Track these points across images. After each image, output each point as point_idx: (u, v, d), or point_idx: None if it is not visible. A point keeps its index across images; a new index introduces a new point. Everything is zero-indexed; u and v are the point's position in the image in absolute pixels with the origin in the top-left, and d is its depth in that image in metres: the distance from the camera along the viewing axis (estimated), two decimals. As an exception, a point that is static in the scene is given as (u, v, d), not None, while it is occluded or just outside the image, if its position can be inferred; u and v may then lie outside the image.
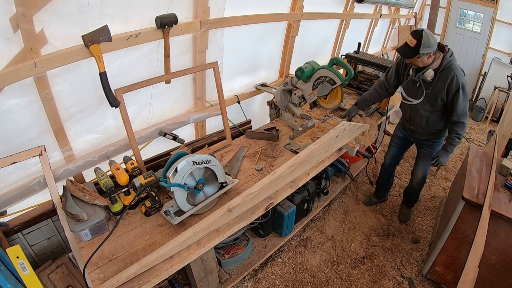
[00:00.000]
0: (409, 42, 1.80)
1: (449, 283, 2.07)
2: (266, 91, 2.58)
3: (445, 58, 1.89)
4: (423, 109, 2.10)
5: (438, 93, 1.96)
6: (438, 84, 1.93)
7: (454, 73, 1.86)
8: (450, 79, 1.88)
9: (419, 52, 1.76)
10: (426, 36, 1.76)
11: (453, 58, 1.91)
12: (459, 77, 1.87)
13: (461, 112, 1.96)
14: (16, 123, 1.44)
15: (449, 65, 1.88)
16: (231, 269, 2.00)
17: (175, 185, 1.43)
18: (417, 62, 1.87)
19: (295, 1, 2.47)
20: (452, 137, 2.07)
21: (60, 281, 1.66)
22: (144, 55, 1.73)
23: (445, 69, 1.89)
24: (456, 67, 1.88)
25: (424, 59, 1.84)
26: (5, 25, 1.20)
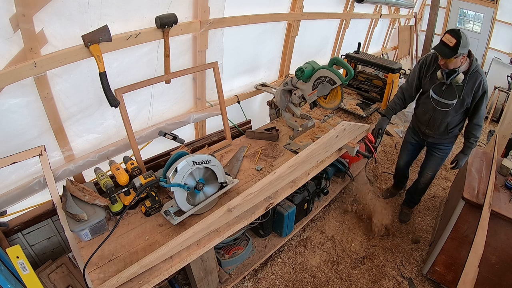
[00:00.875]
0: (448, 41, 1.73)
1: (449, 283, 2.07)
2: (266, 91, 2.58)
3: (473, 62, 1.89)
4: (447, 113, 2.06)
5: (465, 97, 1.95)
6: (467, 88, 1.92)
7: (481, 77, 1.88)
8: (478, 84, 1.88)
9: (458, 52, 1.72)
10: (464, 35, 1.72)
11: (479, 64, 1.91)
12: (484, 81, 1.89)
13: (482, 115, 2.01)
14: (16, 123, 1.44)
15: (476, 69, 1.89)
16: (231, 269, 2.00)
17: (175, 185, 1.43)
18: (451, 64, 1.82)
19: (295, 1, 2.47)
20: (471, 140, 2.08)
21: (60, 281, 1.66)
22: (144, 55, 1.73)
23: (473, 73, 1.89)
24: (482, 72, 1.90)
25: (458, 60, 1.80)
26: (5, 25, 1.20)
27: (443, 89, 2.02)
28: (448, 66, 1.86)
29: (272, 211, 2.06)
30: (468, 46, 1.78)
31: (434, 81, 2.04)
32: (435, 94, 2.08)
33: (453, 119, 2.09)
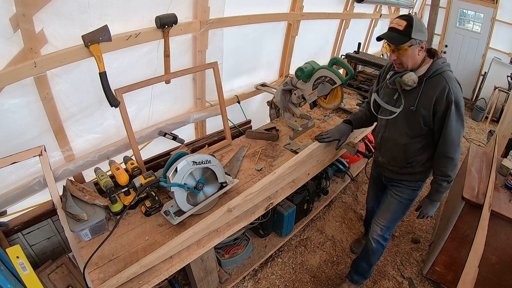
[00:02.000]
0: (396, 24, 1.35)
1: (449, 283, 2.07)
2: (266, 91, 2.58)
3: (435, 63, 1.40)
4: (400, 132, 1.54)
5: (420, 109, 1.42)
6: (423, 97, 1.41)
7: (446, 82, 1.36)
8: (440, 90, 1.36)
9: (411, 37, 1.31)
10: (416, 18, 1.34)
11: (446, 66, 1.41)
12: (453, 89, 1.35)
13: (452, 141, 1.40)
14: (16, 123, 1.44)
15: (439, 72, 1.39)
16: (231, 269, 2.00)
17: (175, 185, 1.43)
18: (405, 57, 1.38)
19: (295, 1, 2.47)
20: (438, 180, 1.50)
21: (60, 281, 1.66)
22: (144, 55, 1.73)
23: (434, 77, 1.40)
24: (450, 76, 1.38)
25: (416, 51, 1.36)
26: (5, 25, 1.20)
27: (395, 98, 1.53)
28: (402, 62, 1.41)
29: (272, 211, 2.06)
30: (426, 34, 1.37)
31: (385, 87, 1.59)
32: (378, 97, 1.62)
33: (411, 144, 1.54)
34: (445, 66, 1.41)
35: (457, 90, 1.37)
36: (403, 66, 1.43)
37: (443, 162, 1.46)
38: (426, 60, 1.43)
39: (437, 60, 1.42)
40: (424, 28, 1.36)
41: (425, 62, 1.43)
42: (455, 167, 1.46)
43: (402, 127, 1.53)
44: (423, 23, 1.37)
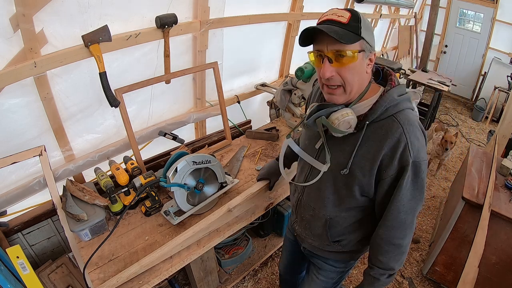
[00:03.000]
0: (335, 15, 0.81)
1: (449, 283, 2.07)
2: (266, 91, 2.58)
3: (388, 96, 0.87)
4: (323, 200, 1.02)
5: (358, 172, 0.91)
6: (363, 152, 0.89)
7: (403, 131, 0.84)
8: (392, 145, 0.85)
9: (361, 35, 0.81)
10: (363, 15, 0.84)
11: (405, 101, 0.89)
12: (411, 142, 0.85)
13: (402, 222, 0.92)
14: (16, 123, 1.44)
15: (393, 112, 0.87)
16: (231, 269, 2.00)
17: (175, 185, 1.43)
18: (351, 73, 0.84)
19: (295, 1, 2.47)
20: (376, 273, 1.00)
21: (60, 281, 1.66)
22: (144, 55, 1.73)
23: (383, 120, 0.87)
24: (410, 120, 0.87)
25: (364, 64, 0.85)
26: (5, 25, 1.19)
27: (318, 147, 1.01)
28: (345, 82, 0.85)
29: (272, 211, 2.06)
30: (373, 37, 0.86)
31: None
32: (296, 142, 1.11)
33: (339, 219, 1.03)
34: (404, 102, 0.87)
35: (418, 145, 0.85)
36: (345, 90, 0.87)
37: (386, 250, 0.96)
38: (372, 87, 0.91)
39: (391, 90, 0.87)
40: (372, 27, 0.86)
41: (371, 91, 0.91)
42: (402, 256, 0.98)
43: (327, 193, 1.00)
44: (371, 27, 0.86)
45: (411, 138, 0.85)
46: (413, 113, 0.90)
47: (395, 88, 0.89)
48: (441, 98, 4.21)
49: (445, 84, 4.05)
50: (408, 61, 5.49)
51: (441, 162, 3.30)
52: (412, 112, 0.91)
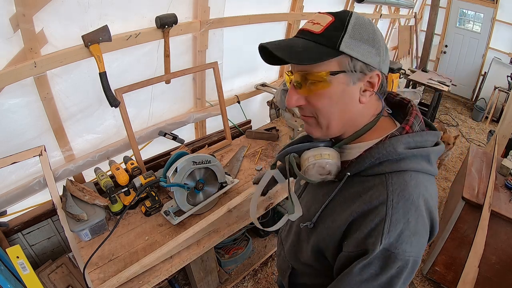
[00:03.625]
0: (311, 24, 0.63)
1: (449, 283, 2.07)
2: (266, 91, 2.58)
3: (386, 146, 0.60)
4: (291, 244, 0.86)
5: (324, 230, 0.68)
6: (336, 208, 0.66)
7: (385, 200, 0.57)
8: (365, 212, 0.59)
9: (339, 49, 0.57)
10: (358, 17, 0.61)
11: (413, 158, 0.61)
12: (391, 223, 0.56)
13: None
14: (16, 123, 1.44)
15: (387, 171, 0.60)
16: (231, 269, 2.00)
17: (175, 185, 1.43)
18: (320, 102, 0.62)
19: (295, 1, 2.47)
20: None
21: (60, 281, 1.66)
22: (144, 55, 1.73)
23: (370, 177, 0.62)
24: (407, 192, 0.58)
25: (349, 90, 0.61)
26: (5, 25, 1.19)
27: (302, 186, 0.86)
28: (315, 113, 0.65)
29: (272, 211, 2.06)
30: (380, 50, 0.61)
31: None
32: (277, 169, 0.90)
33: (300, 273, 0.86)
34: (411, 160, 0.61)
35: (405, 232, 0.57)
36: (317, 123, 0.66)
37: None
38: (383, 124, 0.67)
39: (399, 137, 0.61)
40: (376, 37, 0.60)
41: (381, 129, 0.66)
42: None
43: (292, 237, 0.84)
44: (375, 29, 0.61)
45: (395, 216, 0.56)
46: (420, 181, 0.60)
47: (407, 136, 0.61)
48: (441, 98, 4.21)
49: (445, 84, 4.06)
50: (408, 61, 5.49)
51: (441, 162, 3.30)
52: (420, 179, 0.60)
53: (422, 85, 4.13)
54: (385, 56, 0.62)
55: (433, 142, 0.64)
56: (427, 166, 0.63)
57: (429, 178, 0.63)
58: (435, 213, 0.62)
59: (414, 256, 0.58)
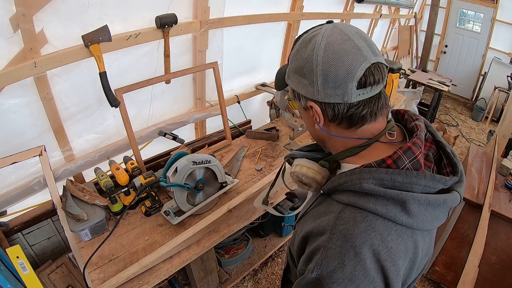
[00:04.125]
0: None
1: (449, 283, 2.07)
2: (266, 91, 2.58)
3: (357, 174, 0.56)
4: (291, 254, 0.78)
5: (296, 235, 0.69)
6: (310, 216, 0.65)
7: (331, 229, 0.54)
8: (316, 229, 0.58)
9: (286, 78, 0.66)
10: (300, 42, 0.60)
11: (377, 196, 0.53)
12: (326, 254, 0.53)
13: None
14: (16, 123, 1.44)
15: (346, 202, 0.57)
16: (231, 269, 2.00)
17: (175, 185, 1.43)
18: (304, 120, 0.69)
19: (295, 1, 2.47)
20: None
21: (60, 281, 1.66)
22: (144, 55, 1.73)
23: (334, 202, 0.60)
24: (354, 230, 0.52)
25: (306, 115, 0.65)
26: (5, 25, 1.19)
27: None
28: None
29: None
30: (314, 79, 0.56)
31: None
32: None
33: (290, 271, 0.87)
34: (375, 199, 0.54)
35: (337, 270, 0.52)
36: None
37: None
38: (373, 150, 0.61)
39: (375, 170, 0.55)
40: (310, 65, 0.57)
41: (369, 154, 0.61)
42: None
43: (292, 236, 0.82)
44: (311, 56, 0.56)
45: (331, 252, 0.53)
46: (374, 228, 0.53)
47: (384, 171, 0.54)
48: (441, 98, 4.21)
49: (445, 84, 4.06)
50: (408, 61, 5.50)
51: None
52: (377, 225, 0.53)
53: (422, 85, 4.14)
54: (322, 85, 0.56)
55: (424, 188, 0.54)
56: (397, 213, 0.53)
57: (397, 229, 0.54)
58: (390, 271, 0.52)
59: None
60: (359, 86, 0.55)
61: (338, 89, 0.55)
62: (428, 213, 0.54)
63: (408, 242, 0.55)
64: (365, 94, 0.55)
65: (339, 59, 0.54)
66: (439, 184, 0.55)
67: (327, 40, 0.55)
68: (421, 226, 0.55)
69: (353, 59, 0.54)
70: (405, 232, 0.54)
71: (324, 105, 0.58)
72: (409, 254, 0.55)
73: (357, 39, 0.55)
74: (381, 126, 0.61)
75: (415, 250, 0.56)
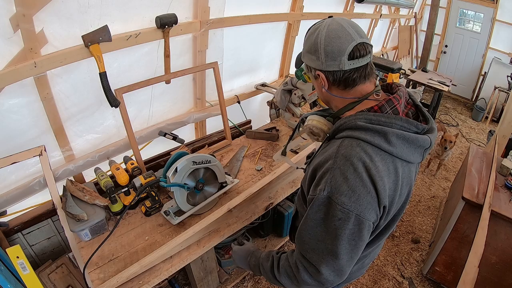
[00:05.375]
0: None
1: (449, 283, 2.07)
2: (266, 91, 2.58)
3: (354, 116, 0.79)
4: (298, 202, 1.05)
5: (308, 173, 0.86)
6: (316, 158, 0.85)
7: (334, 156, 0.75)
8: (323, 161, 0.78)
9: (302, 59, 0.90)
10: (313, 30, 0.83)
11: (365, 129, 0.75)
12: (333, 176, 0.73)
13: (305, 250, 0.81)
14: (16, 123, 1.44)
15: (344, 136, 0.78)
16: (231, 269, 2.00)
17: (175, 185, 1.43)
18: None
19: (295, 1, 2.47)
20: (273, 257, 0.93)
21: (60, 281, 1.66)
22: (144, 55, 1.73)
23: (336, 140, 0.81)
24: (351, 151, 0.74)
25: (316, 82, 0.88)
26: (5, 25, 1.19)
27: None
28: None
29: (272, 211, 2.06)
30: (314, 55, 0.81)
31: None
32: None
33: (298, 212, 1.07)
34: (365, 131, 0.74)
35: (343, 185, 0.71)
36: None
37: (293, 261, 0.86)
38: (362, 105, 0.82)
39: (365, 113, 0.78)
40: (315, 46, 0.80)
41: (359, 108, 0.83)
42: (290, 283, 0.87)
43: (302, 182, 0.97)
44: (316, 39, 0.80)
45: (337, 171, 0.73)
46: (365, 150, 0.73)
47: (372, 114, 0.77)
48: (441, 98, 4.21)
49: (445, 84, 4.06)
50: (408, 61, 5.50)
51: (441, 162, 3.30)
52: (367, 149, 0.73)
53: (422, 85, 4.13)
54: (324, 58, 0.79)
55: (401, 127, 0.76)
56: (381, 142, 0.74)
57: (381, 154, 0.75)
58: (379, 183, 0.72)
59: (356, 213, 0.72)
60: (349, 58, 0.77)
61: (335, 60, 0.78)
62: (404, 147, 0.76)
63: (390, 166, 0.75)
64: (354, 64, 0.78)
65: (335, 40, 0.77)
66: (412, 127, 0.77)
67: (327, 29, 0.79)
68: (399, 155, 0.75)
69: (345, 40, 0.77)
70: (388, 157, 0.75)
71: (327, 73, 0.81)
72: (392, 176, 0.76)
73: (348, 27, 0.78)
74: (370, 89, 0.83)
75: (396, 173, 0.76)
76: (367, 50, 0.79)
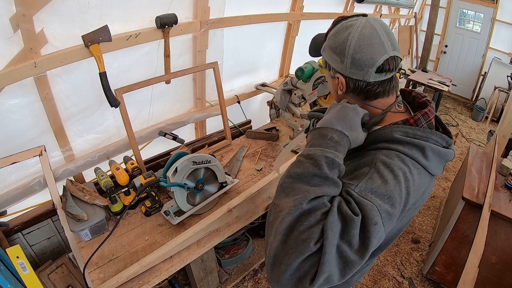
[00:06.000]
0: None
1: (449, 283, 2.07)
2: (266, 91, 2.58)
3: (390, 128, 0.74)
4: None
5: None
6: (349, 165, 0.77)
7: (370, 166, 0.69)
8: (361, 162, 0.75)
9: (321, 52, 0.83)
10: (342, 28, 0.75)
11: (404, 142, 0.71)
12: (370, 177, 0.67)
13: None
14: (16, 123, 1.44)
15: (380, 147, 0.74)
16: (231, 269, 2.00)
17: (175, 185, 1.43)
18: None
19: (295, 1, 2.47)
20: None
21: (60, 281, 1.66)
22: (144, 55, 1.73)
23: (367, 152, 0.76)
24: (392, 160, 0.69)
25: (332, 82, 0.82)
26: (5, 25, 1.19)
27: None
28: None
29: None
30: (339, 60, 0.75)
31: None
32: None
33: None
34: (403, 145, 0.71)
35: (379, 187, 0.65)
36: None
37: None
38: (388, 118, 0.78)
39: (401, 125, 0.73)
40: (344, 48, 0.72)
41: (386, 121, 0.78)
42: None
43: None
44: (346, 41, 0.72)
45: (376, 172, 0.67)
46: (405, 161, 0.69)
47: (408, 127, 0.73)
48: (441, 98, 4.21)
49: (445, 84, 4.06)
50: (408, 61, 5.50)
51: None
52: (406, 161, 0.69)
53: (422, 85, 4.14)
54: (350, 64, 0.73)
55: (435, 142, 0.73)
56: (419, 156, 0.71)
57: (418, 168, 0.71)
58: (411, 196, 0.68)
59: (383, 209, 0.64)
60: (377, 71, 0.72)
61: (362, 70, 0.72)
62: (436, 161, 0.73)
63: (423, 180, 0.72)
64: (380, 77, 0.73)
65: (366, 49, 0.70)
66: (443, 142, 0.75)
67: (360, 32, 0.71)
68: (432, 170, 0.73)
69: (377, 51, 0.70)
70: (423, 172, 0.72)
71: (348, 79, 0.76)
72: (420, 192, 0.73)
73: (382, 35, 0.71)
74: (391, 101, 0.79)
75: (425, 189, 0.74)
76: (397, 64, 0.73)
